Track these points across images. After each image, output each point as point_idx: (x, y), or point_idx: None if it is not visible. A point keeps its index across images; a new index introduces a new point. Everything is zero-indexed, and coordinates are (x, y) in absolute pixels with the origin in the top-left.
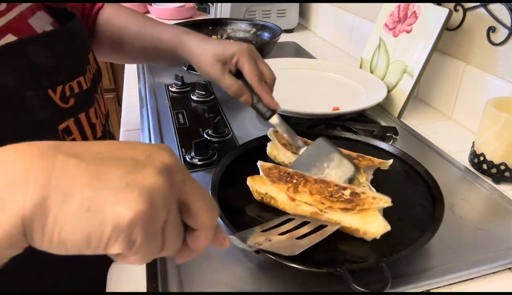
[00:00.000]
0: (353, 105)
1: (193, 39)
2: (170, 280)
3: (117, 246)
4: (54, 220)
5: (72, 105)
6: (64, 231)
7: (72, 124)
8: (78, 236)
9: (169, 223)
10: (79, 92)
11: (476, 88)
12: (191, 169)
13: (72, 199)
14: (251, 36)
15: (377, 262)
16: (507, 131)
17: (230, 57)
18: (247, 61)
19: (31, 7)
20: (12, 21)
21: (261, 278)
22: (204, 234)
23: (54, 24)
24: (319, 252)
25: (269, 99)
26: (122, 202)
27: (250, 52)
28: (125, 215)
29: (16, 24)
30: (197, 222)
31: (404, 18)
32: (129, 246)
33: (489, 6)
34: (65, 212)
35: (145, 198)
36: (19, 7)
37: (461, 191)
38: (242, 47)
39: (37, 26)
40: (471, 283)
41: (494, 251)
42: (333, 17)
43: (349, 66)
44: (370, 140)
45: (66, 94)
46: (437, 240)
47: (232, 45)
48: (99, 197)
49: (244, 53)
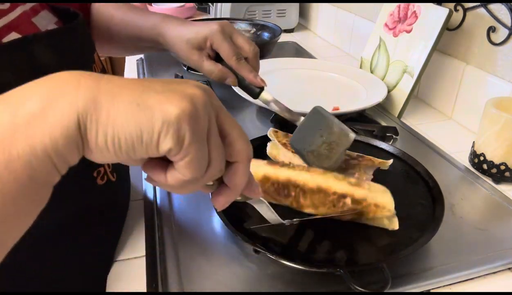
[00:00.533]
0: (353, 105)
1: (170, 28)
2: (170, 280)
3: (168, 140)
4: (106, 113)
5: None
6: (117, 124)
7: None
8: (132, 129)
9: (212, 134)
10: None
11: (476, 88)
12: None
13: (121, 98)
14: (251, 36)
15: (377, 262)
16: (507, 131)
17: (204, 42)
18: (221, 42)
19: (35, 6)
20: (15, 20)
21: (261, 278)
22: (241, 166)
23: (58, 23)
24: (319, 252)
25: (251, 78)
26: (168, 100)
27: (222, 31)
28: (172, 111)
29: (20, 22)
30: (234, 151)
31: (404, 18)
32: (178, 141)
33: (489, 6)
34: (116, 107)
35: (187, 100)
36: (22, 7)
37: (461, 191)
38: (213, 28)
39: (41, 25)
40: (471, 283)
41: (494, 251)
42: (333, 17)
43: (349, 66)
44: (370, 140)
45: None
46: (437, 240)
47: (203, 27)
48: (146, 97)
49: (217, 34)
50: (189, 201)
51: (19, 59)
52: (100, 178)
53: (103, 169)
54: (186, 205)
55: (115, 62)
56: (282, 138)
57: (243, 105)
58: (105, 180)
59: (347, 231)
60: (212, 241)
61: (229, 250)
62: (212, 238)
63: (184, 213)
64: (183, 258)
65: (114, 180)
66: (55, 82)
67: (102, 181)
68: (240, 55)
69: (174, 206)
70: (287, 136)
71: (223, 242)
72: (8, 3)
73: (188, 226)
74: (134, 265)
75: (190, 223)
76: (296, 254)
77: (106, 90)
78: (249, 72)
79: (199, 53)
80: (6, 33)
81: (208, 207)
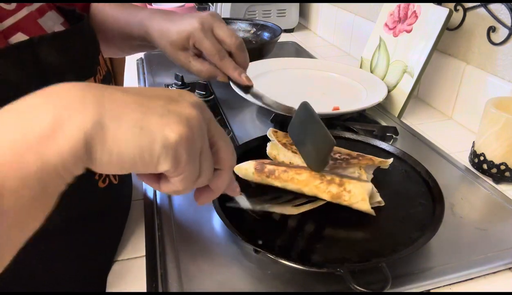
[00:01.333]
0: (353, 105)
1: (154, 27)
2: (170, 280)
3: (166, 162)
4: (112, 135)
5: None
6: (122, 146)
7: None
8: (135, 151)
9: (204, 150)
10: None
11: (476, 88)
12: None
13: (125, 119)
14: (251, 36)
15: (377, 262)
16: (507, 131)
17: (187, 41)
18: (202, 40)
19: (41, 7)
20: (21, 20)
21: (261, 278)
22: (224, 173)
23: (65, 24)
24: (319, 252)
25: (236, 77)
26: (168, 125)
27: (202, 28)
28: (172, 137)
29: (26, 23)
30: (220, 159)
31: (404, 18)
32: (176, 163)
33: (489, 6)
34: (121, 130)
35: (185, 123)
36: (29, 7)
37: (461, 190)
38: (194, 25)
39: (46, 26)
40: (471, 283)
41: (494, 251)
42: (333, 17)
43: (349, 66)
44: (370, 140)
45: None
46: (437, 240)
47: (184, 24)
48: (147, 119)
49: (197, 32)
50: (189, 201)
51: (26, 60)
52: (101, 181)
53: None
54: (186, 205)
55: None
56: (282, 138)
57: (243, 105)
58: (107, 182)
59: (347, 231)
60: (212, 241)
61: (229, 250)
62: (212, 238)
63: (184, 213)
64: (183, 258)
65: (116, 183)
66: (61, 100)
67: (103, 184)
68: (222, 52)
69: (174, 206)
70: (287, 136)
71: (223, 242)
72: (15, 4)
73: (188, 226)
74: (134, 265)
75: (190, 223)
76: (296, 254)
77: (110, 110)
78: (234, 70)
79: (185, 54)
80: (13, 33)
81: (208, 207)
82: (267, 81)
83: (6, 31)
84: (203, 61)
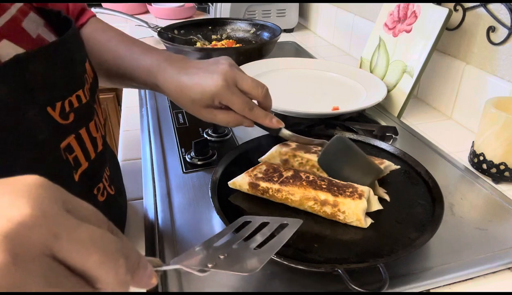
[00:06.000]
0: (353, 105)
1: (167, 80)
2: (170, 280)
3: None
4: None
5: (72, 121)
6: None
7: (74, 141)
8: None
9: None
10: (78, 107)
11: (476, 88)
12: (191, 169)
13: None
14: (251, 36)
15: (375, 262)
16: (507, 131)
17: (211, 100)
18: (231, 98)
19: (22, 8)
20: (5, 26)
21: (260, 278)
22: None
23: (46, 26)
24: (318, 252)
25: (268, 123)
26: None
27: (227, 85)
28: None
29: (10, 29)
30: (95, 283)
31: (404, 18)
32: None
33: (489, 6)
34: None
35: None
36: (10, 11)
37: (460, 190)
38: (218, 83)
39: (30, 30)
40: (471, 283)
41: (493, 250)
42: (333, 17)
43: (349, 66)
44: (370, 140)
45: (65, 110)
46: (437, 239)
47: (207, 83)
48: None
49: (223, 91)
50: (189, 201)
51: (15, 76)
52: (100, 194)
53: (102, 185)
54: (186, 205)
55: None
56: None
57: None
58: (105, 195)
59: (346, 231)
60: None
61: None
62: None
63: (184, 213)
64: None
65: (113, 193)
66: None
67: (102, 197)
68: (250, 104)
69: (174, 206)
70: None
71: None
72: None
73: (188, 226)
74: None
75: (190, 223)
76: (295, 253)
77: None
78: (265, 118)
79: (208, 110)
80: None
81: (208, 207)
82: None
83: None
84: (228, 112)
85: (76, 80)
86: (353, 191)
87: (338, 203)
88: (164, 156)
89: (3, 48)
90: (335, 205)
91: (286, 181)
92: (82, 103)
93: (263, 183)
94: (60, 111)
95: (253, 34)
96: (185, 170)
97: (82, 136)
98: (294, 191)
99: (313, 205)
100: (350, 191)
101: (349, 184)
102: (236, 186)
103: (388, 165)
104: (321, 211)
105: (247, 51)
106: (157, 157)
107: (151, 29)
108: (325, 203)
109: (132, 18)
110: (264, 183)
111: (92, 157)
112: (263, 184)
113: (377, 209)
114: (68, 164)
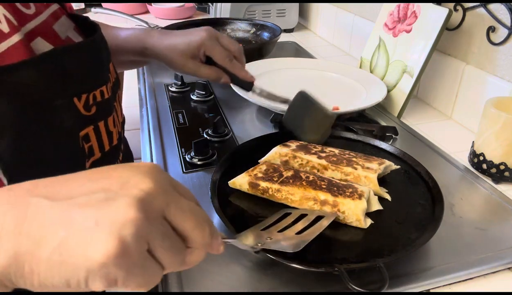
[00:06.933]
0: (353, 105)
1: (156, 41)
2: (170, 280)
3: (98, 284)
4: (29, 269)
5: (93, 113)
6: (42, 277)
7: (92, 131)
8: (56, 280)
9: (158, 247)
10: (100, 101)
11: (476, 88)
12: (191, 168)
13: (44, 244)
14: (251, 36)
15: (375, 262)
16: (507, 131)
17: (197, 50)
18: (213, 48)
19: (55, 12)
20: (40, 25)
21: (260, 278)
22: (197, 251)
23: (76, 29)
24: (318, 252)
25: (244, 75)
26: (92, 244)
27: (211, 38)
28: (96, 258)
29: (44, 28)
30: (188, 242)
31: (404, 18)
32: (110, 283)
33: (489, 6)
34: (38, 259)
35: (114, 237)
36: (46, 12)
37: (460, 190)
38: (203, 36)
39: (60, 32)
40: (471, 283)
41: (493, 250)
42: (333, 17)
43: (349, 66)
44: (370, 140)
45: (89, 102)
46: (437, 239)
47: (193, 36)
48: (70, 240)
49: (208, 41)
50: None
51: (49, 66)
52: None
53: None
54: None
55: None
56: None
57: (243, 105)
58: None
59: (346, 231)
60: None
61: (229, 250)
62: None
63: None
64: None
65: None
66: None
67: None
68: (230, 56)
69: None
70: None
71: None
72: (34, 8)
73: None
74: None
75: None
76: (295, 254)
77: (29, 235)
78: (241, 70)
79: (194, 61)
80: (33, 38)
81: (207, 207)
82: (267, 81)
83: (28, 35)
84: (210, 66)
85: (101, 77)
86: (353, 191)
87: (338, 203)
88: (164, 156)
89: (38, 44)
90: (335, 205)
91: (286, 181)
92: (104, 98)
93: (263, 182)
94: (84, 103)
95: (253, 34)
96: (185, 170)
97: (100, 128)
98: (294, 191)
99: (313, 205)
100: (350, 191)
101: (349, 184)
102: (236, 186)
103: (388, 165)
104: (321, 211)
105: (247, 51)
106: (157, 156)
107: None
108: (325, 203)
109: (132, 18)
110: (264, 182)
111: (106, 149)
112: (263, 184)
113: (377, 209)
114: (83, 152)
